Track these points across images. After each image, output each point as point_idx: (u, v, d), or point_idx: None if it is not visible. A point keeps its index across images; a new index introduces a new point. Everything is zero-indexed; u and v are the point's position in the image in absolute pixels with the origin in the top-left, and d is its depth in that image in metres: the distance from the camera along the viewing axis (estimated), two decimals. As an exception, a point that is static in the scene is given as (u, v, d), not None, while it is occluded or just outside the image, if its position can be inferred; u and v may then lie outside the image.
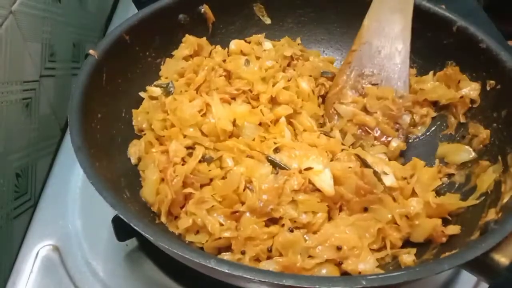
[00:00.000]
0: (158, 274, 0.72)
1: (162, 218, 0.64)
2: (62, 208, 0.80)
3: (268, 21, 0.92)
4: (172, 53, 0.85)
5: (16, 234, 0.79)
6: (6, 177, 0.76)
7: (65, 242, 0.76)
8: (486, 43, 0.74)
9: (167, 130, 0.72)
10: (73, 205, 0.81)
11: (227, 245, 0.62)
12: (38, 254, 0.75)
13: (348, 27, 0.90)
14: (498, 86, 0.73)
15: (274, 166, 0.66)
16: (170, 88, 0.78)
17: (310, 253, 0.60)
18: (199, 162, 0.67)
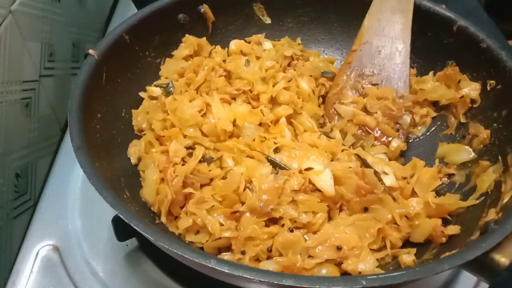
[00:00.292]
0: (158, 274, 0.72)
1: (162, 218, 0.64)
2: (62, 208, 0.80)
3: (268, 21, 0.92)
4: (172, 53, 0.85)
5: (16, 234, 0.78)
6: (6, 177, 0.76)
7: (65, 242, 0.76)
8: (486, 43, 0.74)
9: (167, 130, 0.72)
10: (73, 205, 0.81)
11: (227, 245, 0.62)
12: (38, 254, 0.74)
13: (348, 27, 0.90)
14: (499, 86, 0.73)
15: (274, 166, 0.66)
16: (170, 88, 0.78)
17: (310, 253, 0.60)
18: (199, 162, 0.67)
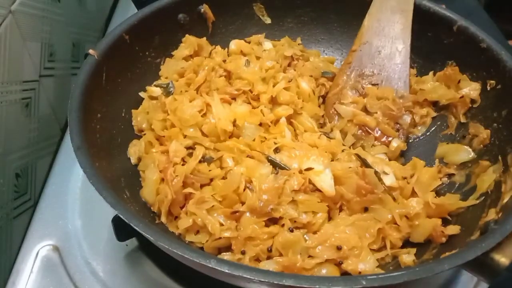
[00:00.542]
0: (158, 274, 0.72)
1: (162, 218, 0.64)
2: (62, 208, 0.80)
3: (268, 20, 0.92)
4: (172, 53, 0.85)
5: (16, 234, 0.78)
6: (6, 177, 0.76)
7: (65, 242, 0.76)
8: (486, 43, 0.74)
9: (167, 130, 0.72)
10: (73, 205, 0.81)
11: (227, 245, 0.62)
12: (38, 254, 0.74)
13: (348, 27, 0.90)
14: (499, 86, 0.73)
15: (274, 166, 0.66)
16: (170, 88, 0.78)
17: (310, 253, 0.60)
18: (199, 162, 0.67)
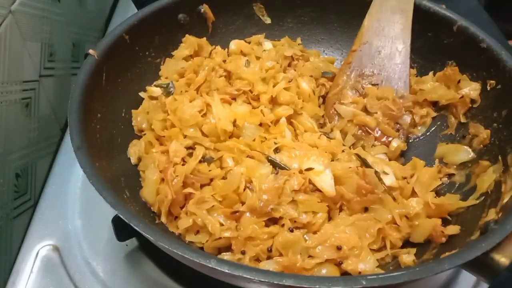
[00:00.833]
0: (158, 274, 0.72)
1: (162, 218, 0.64)
2: (62, 208, 0.80)
3: (268, 20, 0.92)
4: (172, 53, 0.84)
5: (16, 234, 0.78)
6: (6, 177, 0.76)
7: (65, 242, 0.76)
8: (486, 43, 0.74)
9: (167, 130, 0.72)
10: (73, 205, 0.81)
11: (227, 245, 0.62)
12: (38, 254, 0.74)
13: (348, 27, 0.90)
14: (499, 86, 0.73)
15: (274, 166, 0.66)
16: (170, 88, 0.78)
17: (310, 253, 0.60)
18: (199, 162, 0.67)
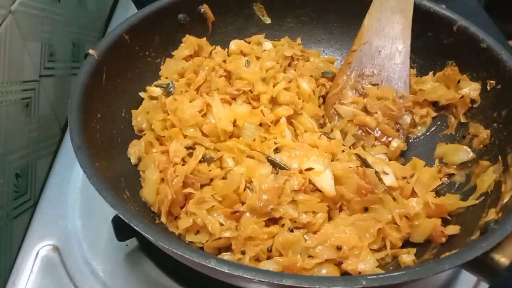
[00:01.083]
0: (158, 274, 0.72)
1: (162, 218, 0.64)
2: (62, 208, 0.80)
3: (268, 20, 0.92)
4: (172, 53, 0.84)
5: (16, 234, 0.78)
6: (6, 177, 0.76)
7: (65, 242, 0.76)
8: (486, 43, 0.74)
9: (167, 130, 0.72)
10: (73, 205, 0.81)
11: (227, 245, 0.62)
12: (38, 254, 0.74)
13: (348, 27, 0.90)
14: (499, 86, 0.73)
15: (274, 166, 0.66)
16: (170, 88, 0.78)
17: (310, 253, 0.60)
18: (199, 162, 0.67)
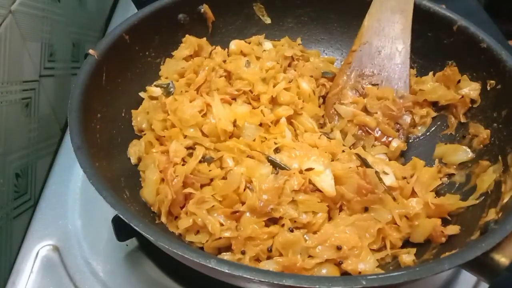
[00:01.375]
0: (158, 274, 0.72)
1: (162, 218, 0.64)
2: (62, 208, 0.80)
3: (268, 20, 0.92)
4: (172, 53, 0.84)
5: (16, 234, 0.78)
6: (6, 177, 0.76)
7: (65, 242, 0.76)
8: (486, 43, 0.74)
9: (168, 130, 0.72)
10: (73, 205, 0.81)
11: (227, 245, 0.62)
12: (38, 254, 0.74)
13: (348, 27, 0.90)
14: (499, 86, 0.73)
15: (275, 166, 0.66)
16: (170, 88, 0.78)
17: (310, 253, 0.60)
18: (200, 162, 0.67)
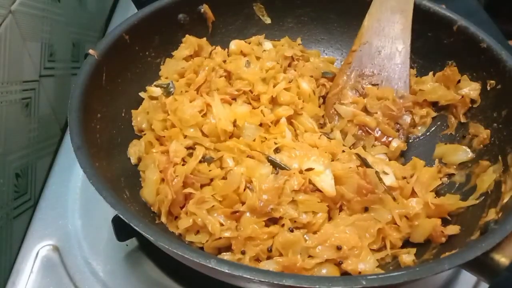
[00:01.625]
0: (158, 274, 0.72)
1: (162, 218, 0.64)
2: (62, 208, 0.80)
3: (268, 21, 0.92)
4: (172, 53, 0.84)
5: (16, 234, 0.78)
6: (6, 177, 0.76)
7: (65, 242, 0.76)
8: (486, 43, 0.74)
9: (168, 130, 0.72)
10: (73, 205, 0.81)
11: (227, 245, 0.62)
12: (38, 254, 0.74)
13: (348, 27, 0.90)
14: (499, 86, 0.73)
15: (275, 166, 0.66)
16: (170, 88, 0.78)
17: (310, 253, 0.60)
18: (200, 162, 0.67)
